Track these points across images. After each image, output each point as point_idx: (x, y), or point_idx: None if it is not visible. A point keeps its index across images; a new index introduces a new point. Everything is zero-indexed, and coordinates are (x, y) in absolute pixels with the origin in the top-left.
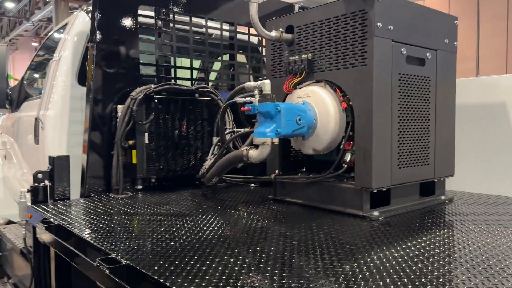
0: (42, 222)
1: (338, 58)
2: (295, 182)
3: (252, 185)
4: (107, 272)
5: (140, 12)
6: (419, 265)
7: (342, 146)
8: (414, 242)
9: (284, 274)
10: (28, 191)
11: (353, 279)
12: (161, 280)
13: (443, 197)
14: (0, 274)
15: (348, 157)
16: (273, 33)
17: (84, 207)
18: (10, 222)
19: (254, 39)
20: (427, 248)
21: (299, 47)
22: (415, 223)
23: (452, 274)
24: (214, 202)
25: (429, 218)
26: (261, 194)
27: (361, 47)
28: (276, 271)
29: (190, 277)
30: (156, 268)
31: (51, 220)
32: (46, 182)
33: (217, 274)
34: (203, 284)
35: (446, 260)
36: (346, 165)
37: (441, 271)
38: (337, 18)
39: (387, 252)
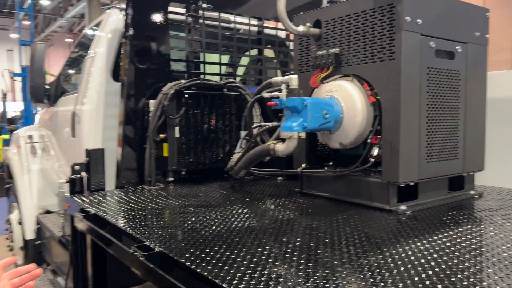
0: (80, 211)
1: (366, 53)
2: (321, 176)
3: (279, 178)
4: (142, 258)
5: (170, 9)
6: (445, 258)
7: (369, 140)
8: (440, 236)
9: (310, 264)
10: (66, 182)
11: (377, 270)
12: (193, 267)
13: (472, 192)
14: (40, 261)
15: (375, 151)
16: (301, 28)
17: (118, 198)
18: (48, 212)
19: (282, 34)
20: (453, 242)
21: (326, 42)
22: (442, 218)
23: (477, 267)
24: (242, 194)
25: (458, 212)
26: (288, 188)
27: (389, 41)
28: (302, 261)
29: (219, 264)
30: (187, 255)
31: (88, 209)
32: (83, 173)
33: (245, 262)
34: (232, 271)
35: (472, 254)
36: (373, 159)
37: (466, 264)
38: (365, 12)
39: (412, 245)
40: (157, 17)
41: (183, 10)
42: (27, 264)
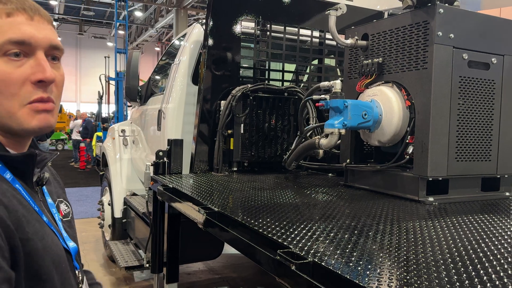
0: (161, 186)
1: (404, 62)
2: (363, 170)
3: (330, 174)
4: (205, 215)
5: (243, 23)
6: (468, 236)
7: (406, 140)
8: (466, 220)
9: (346, 236)
10: (152, 165)
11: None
12: (241, 220)
13: (508, 194)
14: (125, 236)
15: (410, 149)
16: (349, 41)
17: (192, 179)
18: (134, 194)
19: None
20: (477, 226)
21: (372, 52)
22: (470, 210)
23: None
24: (292, 183)
25: (487, 208)
26: (335, 181)
27: (423, 52)
28: (338, 234)
29: (260, 220)
30: (239, 214)
31: (168, 184)
32: (165, 159)
33: (283, 219)
34: (268, 224)
35: (494, 240)
36: (408, 156)
37: (492, 247)
38: (405, 27)
39: (438, 228)
40: (231, 31)
41: (253, 25)
42: (115, 240)
